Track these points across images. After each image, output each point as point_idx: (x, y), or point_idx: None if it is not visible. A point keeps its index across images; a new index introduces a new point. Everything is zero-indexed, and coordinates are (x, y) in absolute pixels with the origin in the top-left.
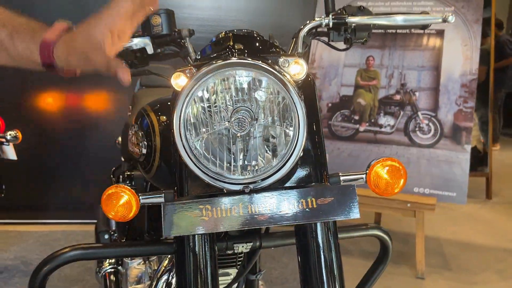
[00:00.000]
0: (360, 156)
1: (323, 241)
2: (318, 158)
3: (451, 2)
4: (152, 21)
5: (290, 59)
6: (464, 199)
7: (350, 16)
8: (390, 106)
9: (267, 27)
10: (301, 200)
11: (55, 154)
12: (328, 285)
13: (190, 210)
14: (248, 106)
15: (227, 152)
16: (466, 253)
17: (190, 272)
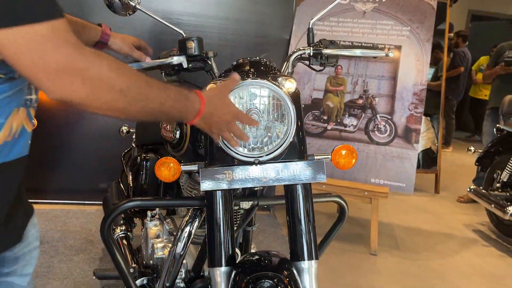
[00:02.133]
0: (327, 151)
1: (303, 196)
2: (301, 144)
3: (407, 23)
4: (187, 45)
5: (286, 78)
6: (411, 190)
7: (324, 48)
8: (353, 109)
9: (252, 34)
10: (290, 169)
11: (56, 142)
12: (306, 223)
13: (218, 173)
14: (258, 107)
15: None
16: (413, 237)
17: (218, 215)
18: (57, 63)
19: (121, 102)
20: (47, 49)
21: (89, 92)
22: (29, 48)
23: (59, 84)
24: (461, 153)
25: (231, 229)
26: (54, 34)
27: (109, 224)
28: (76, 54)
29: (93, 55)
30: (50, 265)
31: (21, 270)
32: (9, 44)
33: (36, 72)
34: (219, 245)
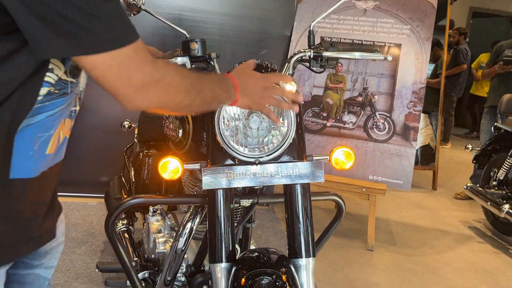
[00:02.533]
0: (326, 147)
1: (301, 195)
2: (301, 145)
3: (408, 22)
4: (191, 46)
5: (286, 81)
6: (408, 186)
7: (325, 50)
8: (353, 106)
9: (253, 30)
10: (289, 169)
11: None
12: (304, 222)
13: (219, 172)
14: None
15: (244, 138)
16: (409, 232)
17: (218, 213)
18: (141, 79)
19: (187, 100)
20: (132, 68)
21: (165, 97)
22: (118, 68)
23: (142, 97)
24: (459, 149)
25: (231, 226)
26: (137, 54)
27: (113, 220)
28: (153, 69)
29: (163, 66)
30: None
31: (47, 263)
32: (102, 66)
33: (123, 88)
34: (220, 242)
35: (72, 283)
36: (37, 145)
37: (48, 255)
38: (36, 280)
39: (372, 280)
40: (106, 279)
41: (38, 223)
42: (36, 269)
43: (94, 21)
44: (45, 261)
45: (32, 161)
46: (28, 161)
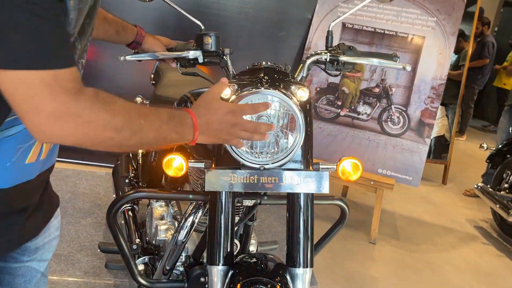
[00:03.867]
0: (337, 137)
1: (304, 204)
2: (308, 153)
3: (434, 14)
4: (204, 40)
5: (298, 87)
6: (417, 183)
7: (342, 54)
8: (369, 97)
9: (273, 10)
10: (294, 178)
11: None
12: (304, 231)
13: (223, 175)
14: (268, 113)
15: (250, 143)
16: (414, 227)
17: (219, 215)
18: (51, 108)
19: (117, 140)
20: (44, 94)
21: (83, 134)
22: (27, 90)
23: (53, 128)
24: (474, 142)
25: (231, 229)
26: (56, 82)
27: (115, 210)
28: (72, 101)
29: (89, 100)
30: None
31: (40, 256)
32: (8, 83)
33: (31, 114)
34: (218, 244)
35: (76, 254)
36: (16, 156)
37: (39, 251)
38: (28, 272)
39: (371, 274)
40: (106, 262)
41: (19, 225)
42: (28, 262)
43: (14, 36)
44: (37, 256)
45: (8, 172)
46: (4, 172)
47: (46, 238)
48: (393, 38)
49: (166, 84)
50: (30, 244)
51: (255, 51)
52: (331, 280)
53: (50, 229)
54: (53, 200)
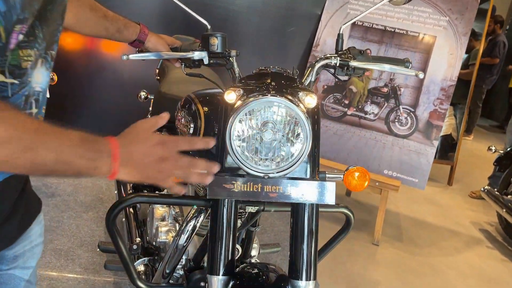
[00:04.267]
0: (343, 136)
1: (308, 215)
2: (314, 162)
3: (446, 13)
4: (210, 41)
5: (306, 93)
6: (423, 186)
7: (352, 59)
8: (377, 97)
9: (282, 5)
10: (299, 188)
11: (78, 96)
12: (308, 243)
13: (226, 182)
14: (274, 119)
15: (255, 150)
16: (418, 229)
17: (221, 224)
18: None
19: (3, 153)
20: None
21: None
22: None
23: None
24: (481, 142)
25: (233, 237)
26: None
27: (114, 215)
28: None
29: None
30: (59, 220)
31: (22, 264)
32: None
33: None
34: (219, 253)
35: (76, 250)
36: None
37: (20, 259)
38: (10, 280)
39: (373, 277)
40: (106, 262)
41: None
42: (10, 270)
43: None
44: (19, 263)
45: None
46: None
47: (27, 246)
48: (404, 37)
49: (171, 81)
50: (8, 253)
51: (263, 46)
52: (332, 281)
53: (32, 236)
54: (32, 206)
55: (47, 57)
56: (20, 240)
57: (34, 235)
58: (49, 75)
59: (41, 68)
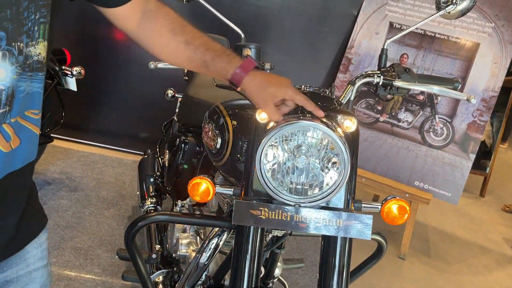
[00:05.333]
0: (374, 143)
1: (341, 249)
2: (350, 191)
3: (492, 19)
4: (244, 52)
5: (345, 117)
6: (456, 201)
7: (397, 78)
8: (412, 104)
9: (317, 4)
10: (332, 219)
11: (105, 89)
12: (339, 281)
13: (253, 208)
14: (309, 142)
15: (286, 177)
16: (447, 244)
17: (246, 250)
18: None
19: None
20: None
21: None
22: None
23: None
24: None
25: (257, 263)
26: None
27: (134, 232)
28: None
29: None
30: (81, 217)
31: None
32: None
33: None
34: (242, 279)
35: (95, 249)
36: None
37: (12, 284)
38: None
39: None
40: (123, 273)
41: None
42: None
43: None
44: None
45: None
46: None
47: (21, 270)
48: (444, 42)
49: (199, 84)
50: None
51: (294, 46)
52: None
53: (28, 260)
54: (29, 226)
55: (13, 50)
56: (12, 264)
57: (32, 258)
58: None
59: (2, 62)
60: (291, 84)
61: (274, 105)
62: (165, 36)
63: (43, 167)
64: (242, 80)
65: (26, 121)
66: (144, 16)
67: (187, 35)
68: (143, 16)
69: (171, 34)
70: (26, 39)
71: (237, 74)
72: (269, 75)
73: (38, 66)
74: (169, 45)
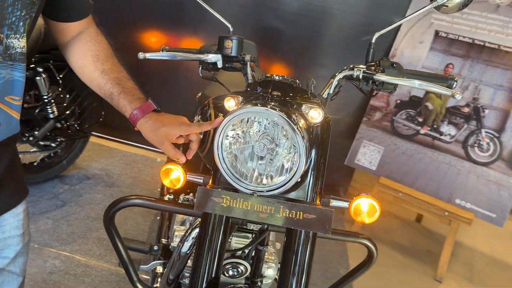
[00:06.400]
0: (413, 157)
1: (302, 245)
2: (317, 183)
3: None
4: (225, 44)
5: (311, 107)
6: (502, 223)
7: (379, 72)
8: (456, 117)
9: (359, 11)
10: (292, 211)
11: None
12: (298, 278)
13: (215, 196)
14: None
15: (245, 165)
16: (492, 269)
17: (207, 239)
18: None
19: None
20: None
21: None
22: None
23: None
24: None
25: (219, 257)
26: None
27: (112, 213)
28: None
29: None
30: None
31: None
32: None
33: None
34: (201, 269)
35: None
36: None
37: None
38: None
39: None
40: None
41: None
42: None
43: None
44: None
45: None
46: None
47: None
48: (495, 53)
49: (216, 84)
50: None
51: (335, 54)
52: None
53: (4, 227)
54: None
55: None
56: None
57: (8, 226)
58: None
59: None
60: (185, 121)
61: (171, 144)
62: (87, 59)
63: (86, 163)
64: (137, 121)
65: (6, 106)
66: (79, 36)
67: (106, 65)
68: (79, 35)
69: (93, 59)
70: (8, 31)
71: (133, 115)
72: (163, 116)
73: (21, 58)
74: (87, 68)
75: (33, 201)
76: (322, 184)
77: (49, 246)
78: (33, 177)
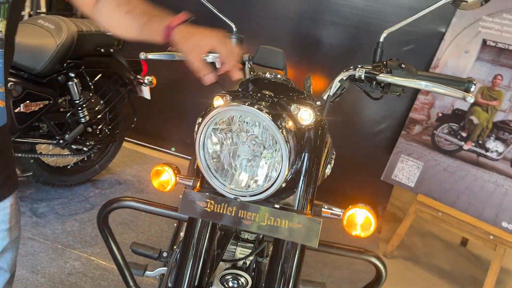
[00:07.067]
0: (455, 174)
1: (286, 256)
2: (307, 190)
3: None
4: None
5: (299, 107)
6: None
7: (384, 73)
8: (504, 132)
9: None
10: (277, 219)
11: (179, 99)
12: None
13: (199, 200)
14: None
15: (229, 169)
16: None
17: (192, 242)
18: None
19: None
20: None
21: None
22: None
23: None
24: None
25: (203, 262)
26: None
27: (105, 214)
28: None
29: None
30: (136, 216)
31: None
32: None
33: None
34: (183, 274)
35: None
36: None
37: None
38: None
39: None
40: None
41: None
42: None
43: None
44: None
45: None
46: None
47: None
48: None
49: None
50: None
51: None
52: None
53: None
54: None
55: None
56: None
57: None
58: None
59: None
60: (223, 36)
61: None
62: (111, 8)
63: (120, 169)
64: (171, 33)
65: None
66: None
67: (129, 6)
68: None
69: (116, 4)
70: None
71: (166, 28)
72: (199, 27)
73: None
74: (111, 16)
75: (63, 203)
76: (314, 191)
77: (72, 247)
78: (66, 179)
